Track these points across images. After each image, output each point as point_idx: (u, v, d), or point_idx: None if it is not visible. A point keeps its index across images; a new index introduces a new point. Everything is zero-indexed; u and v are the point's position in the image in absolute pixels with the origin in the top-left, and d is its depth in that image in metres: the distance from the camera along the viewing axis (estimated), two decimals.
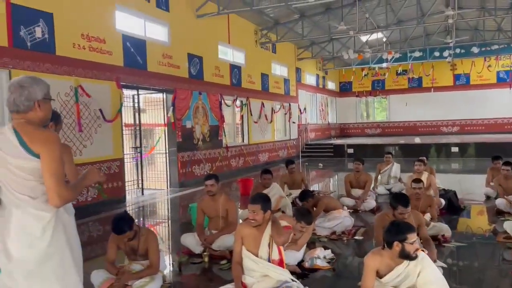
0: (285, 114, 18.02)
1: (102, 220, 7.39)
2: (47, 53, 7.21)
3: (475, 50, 18.03)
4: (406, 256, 3.10)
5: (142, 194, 9.94)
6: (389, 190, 8.90)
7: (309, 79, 21.45)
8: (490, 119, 23.46)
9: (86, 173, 2.34)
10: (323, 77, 23.62)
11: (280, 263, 3.66)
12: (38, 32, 7.07)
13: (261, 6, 11.89)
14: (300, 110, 19.52)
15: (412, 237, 3.10)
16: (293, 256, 4.45)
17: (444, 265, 4.29)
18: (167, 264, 4.63)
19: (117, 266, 3.94)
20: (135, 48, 9.31)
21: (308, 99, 21.28)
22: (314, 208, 6.05)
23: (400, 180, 9.17)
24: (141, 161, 10.05)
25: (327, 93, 24.52)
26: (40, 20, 7.10)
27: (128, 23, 9.31)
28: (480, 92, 23.36)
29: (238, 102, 13.94)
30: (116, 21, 8.82)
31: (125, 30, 9.09)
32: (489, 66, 21.58)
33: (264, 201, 3.58)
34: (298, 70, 19.55)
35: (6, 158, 2.11)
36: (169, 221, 7.96)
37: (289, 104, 18.24)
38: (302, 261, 4.54)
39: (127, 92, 9.50)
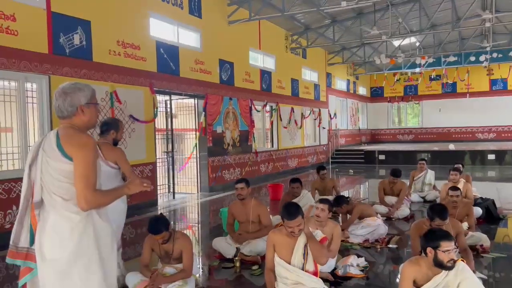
0: (315, 119, 17.90)
1: (134, 223, 7.52)
2: (84, 60, 7.44)
3: None
4: (439, 264, 3.02)
5: (174, 198, 10.07)
6: (423, 197, 8.69)
7: (340, 84, 21.25)
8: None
9: (128, 183, 2.35)
10: (354, 82, 23.36)
11: (315, 274, 3.61)
12: (77, 39, 7.31)
13: (292, 11, 11.89)
14: (330, 116, 19.36)
15: (447, 245, 3.00)
16: (326, 263, 4.38)
17: (485, 277, 4.15)
18: (199, 268, 4.66)
19: (151, 269, 3.99)
20: (168, 54, 9.47)
21: (338, 105, 21.08)
22: (348, 215, 5.97)
23: (434, 187, 8.94)
24: (173, 165, 10.19)
25: (358, 99, 24.23)
26: (78, 28, 7.33)
27: (162, 29, 9.50)
28: None
29: (268, 108, 13.95)
30: (150, 28, 9.01)
31: (159, 37, 9.27)
32: None
33: (301, 211, 3.53)
34: (328, 75, 19.42)
35: (47, 160, 2.19)
36: (200, 225, 8.02)
37: (319, 110, 18.12)
38: (335, 268, 4.48)
39: (159, 98, 9.67)
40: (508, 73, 21.05)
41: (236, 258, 4.82)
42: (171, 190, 10.15)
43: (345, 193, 10.77)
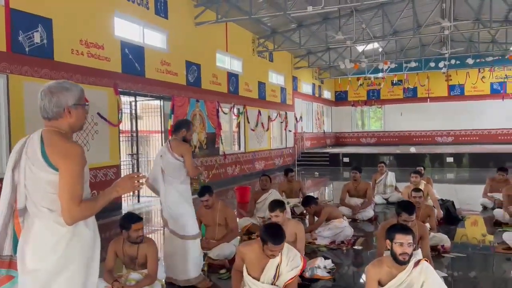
0: (282, 122, 18.03)
1: (98, 227, 7.29)
2: (45, 59, 7.17)
3: (470, 61, 18.19)
4: (394, 257, 3.08)
5: (138, 201, 9.87)
6: (386, 199, 8.90)
7: (305, 88, 21.52)
8: (484, 129, 23.63)
9: (116, 185, 2.18)
10: (319, 86, 23.72)
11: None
12: (37, 37, 7.04)
13: (259, 15, 11.94)
14: (296, 119, 19.56)
15: (400, 237, 3.06)
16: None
17: (445, 275, 4.28)
18: (165, 273, 4.56)
19: (115, 275, 3.88)
20: (133, 55, 9.29)
21: (304, 108, 21.34)
22: (315, 217, 6.03)
23: (396, 189, 9.18)
24: (138, 168, 9.99)
25: (323, 102, 24.61)
26: (39, 26, 7.07)
27: (127, 29, 9.31)
28: (474, 103, 23.56)
29: (235, 110, 13.94)
30: (115, 27, 8.81)
31: (124, 37, 9.08)
32: (483, 77, 21.80)
33: (285, 235, 3.38)
34: (294, 79, 19.62)
35: (31, 167, 2.03)
36: (165, 229, 7.85)
37: (286, 113, 18.28)
38: (303, 271, 4.50)
39: (124, 99, 9.46)
40: (465, 79, 21.97)
41: (204, 262, 4.76)
42: (136, 194, 9.94)
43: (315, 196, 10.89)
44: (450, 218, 6.98)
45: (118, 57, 8.87)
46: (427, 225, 5.46)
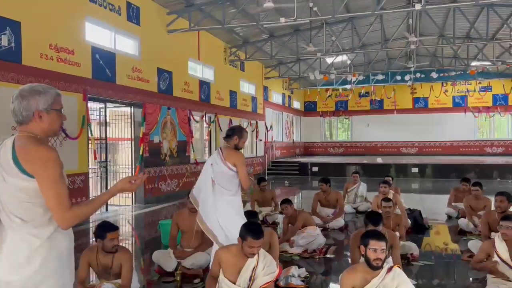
0: (253, 131, 18.11)
1: None
2: (13, 62, 6.94)
3: (434, 75, 18.88)
4: (368, 262, 3.16)
5: (106, 210, 9.64)
6: (355, 208, 9.06)
7: (276, 97, 21.73)
8: (447, 141, 24.52)
9: (112, 187, 2.13)
10: (289, 96, 24.00)
11: None
12: (4, 40, 6.81)
13: (231, 24, 12.01)
14: (266, 128, 19.69)
15: (374, 244, 3.15)
16: None
17: (415, 282, 4.40)
18: (138, 283, 4.48)
19: (87, 286, 3.78)
20: (104, 61, 9.13)
21: (274, 117, 21.52)
22: (289, 225, 6.07)
23: (366, 199, 9.36)
24: (106, 176, 9.78)
25: (293, 112, 24.90)
26: (7, 29, 6.84)
27: (98, 35, 9.15)
28: (437, 115, 24.44)
29: (207, 118, 13.90)
30: (86, 32, 8.64)
31: (95, 42, 8.92)
32: (446, 91, 22.71)
33: (262, 234, 3.47)
34: (265, 89, 19.78)
35: (3, 175, 1.94)
36: (134, 238, 7.73)
37: (256, 122, 18.37)
38: (277, 280, 4.52)
39: (94, 105, 9.27)
40: (429, 92, 22.79)
41: (177, 271, 4.70)
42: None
43: None
44: (418, 227, 7.18)
45: (89, 63, 8.70)
46: (397, 234, 5.61)
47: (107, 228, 3.71)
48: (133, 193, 10.42)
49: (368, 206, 8.79)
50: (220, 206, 4.07)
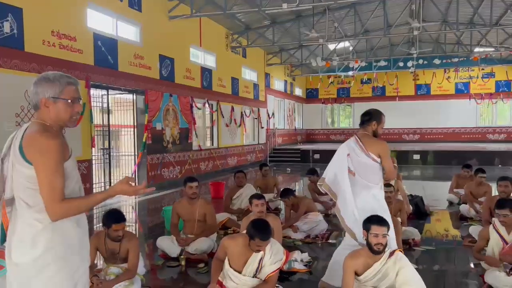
0: (255, 118, 18.11)
1: None
2: (15, 49, 6.95)
3: (437, 61, 18.76)
4: (370, 247, 3.21)
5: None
6: None
7: (278, 84, 21.67)
8: (449, 128, 24.48)
9: (111, 187, 2.08)
10: (291, 83, 23.92)
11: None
12: (7, 27, 6.81)
13: (233, 10, 11.93)
14: (268, 115, 19.68)
15: (376, 229, 3.19)
16: None
17: (416, 267, 4.45)
18: (144, 267, 4.55)
19: (94, 270, 3.84)
20: (106, 47, 9.12)
21: (276, 105, 21.48)
22: (292, 211, 6.12)
23: None
24: (110, 162, 9.83)
25: (295, 99, 24.85)
26: (9, 15, 6.83)
27: (100, 21, 9.13)
28: (439, 102, 24.37)
29: (212, 106, 13.94)
30: (87, 19, 8.62)
31: (97, 29, 8.90)
32: (449, 77, 22.59)
33: (271, 234, 3.47)
34: (267, 76, 19.72)
35: (13, 161, 1.98)
36: (138, 224, 7.81)
37: (258, 109, 18.35)
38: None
39: (96, 92, 9.28)
40: (432, 79, 22.69)
41: (182, 256, 4.77)
42: (107, 189, 9.76)
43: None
44: (419, 213, 7.24)
45: (91, 50, 8.69)
46: (398, 219, 5.66)
47: (114, 219, 3.73)
48: (136, 179, 10.50)
49: None
50: (362, 200, 3.69)
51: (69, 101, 2.04)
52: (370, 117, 3.80)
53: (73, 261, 2.03)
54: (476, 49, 18.43)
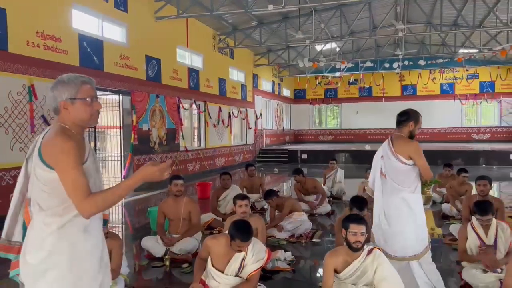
0: (243, 119, 18.15)
1: None
2: None
3: (422, 62, 19.03)
4: (348, 245, 3.27)
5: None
6: (330, 192, 9.21)
7: (265, 85, 21.75)
8: (434, 128, 24.79)
9: (137, 171, 1.99)
10: (279, 84, 24.02)
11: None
12: None
13: (220, 11, 11.97)
14: (256, 116, 19.74)
15: (354, 227, 3.24)
16: None
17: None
18: (128, 268, 4.57)
19: None
20: (91, 48, 9.09)
21: (264, 105, 21.56)
22: (276, 211, 6.18)
23: (343, 183, 9.55)
24: None
25: (282, 100, 24.95)
26: None
27: (85, 22, 9.10)
28: (425, 102, 24.63)
29: (200, 106, 13.96)
30: (72, 20, 8.58)
31: (82, 30, 8.87)
32: (434, 78, 22.91)
33: (251, 235, 3.50)
34: (254, 76, 19.78)
35: (33, 161, 2.01)
36: (125, 225, 7.81)
37: (246, 110, 18.40)
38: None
39: None
40: (417, 80, 22.97)
41: (166, 257, 4.80)
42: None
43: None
44: None
45: (76, 50, 8.66)
46: None
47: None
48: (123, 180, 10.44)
49: (341, 187, 9.05)
50: (391, 202, 3.56)
51: (87, 99, 2.04)
52: (408, 117, 3.63)
53: (78, 269, 2.00)
54: (460, 51, 18.71)
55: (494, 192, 10.74)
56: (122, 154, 10.56)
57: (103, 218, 2.23)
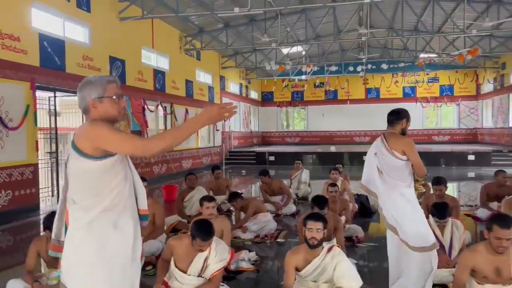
0: None
1: (13, 229, 6.91)
2: None
3: (385, 66, 19.58)
4: (306, 241, 3.36)
5: (57, 201, 9.40)
6: (296, 194, 9.34)
7: (233, 87, 21.78)
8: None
9: (200, 113, 2.01)
10: (246, 86, 24.11)
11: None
12: None
13: (186, 13, 11.93)
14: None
15: (311, 224, 3.35)
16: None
17: (355, 261, 4.68)
18: None
19: (35, 275, 3.76)
20: (52, 48, 8.87)
21: None
22: (242, 213, 6.22)
23: (309, 185, 9.67)
24: (57, 167, 9.54)
25: (250, 102, 25.05)
26: None
27: (46, 21, 8.87)
28: (388, 105, 24.99)
29: (166, 108, 13.81)
30: (32, 19, 8.35)
31: (42, 29, 8.65)
32: (396, 82, 23.59)
33: (213, 233, 3.54)
34: (222, 78, 19.78)
35: (69, 158, 2.08)
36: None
37: None
38: (228, 264, 4.66)
39: (43, 94, 9.00)
40: (381, 83, 23.59)
41: None
42: (55, 194, 9.49)
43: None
44: (364, 211, 7.55)
45: (36, 50, 8.43)
46: (343, 217, 5.90)
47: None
48: None
49: (307, 190, 9.19)
50: (392, 199, 3.64)
51: (114, 97, 2.12)
52: (401, 115, 3.78)
53: (108, 264, 2.05)
54: (421, 55, 19.37)
55: (453, 191, 11.20)
56: None
57: (143, 214, 2.27)
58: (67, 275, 2.07)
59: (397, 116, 3.77)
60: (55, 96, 9.36)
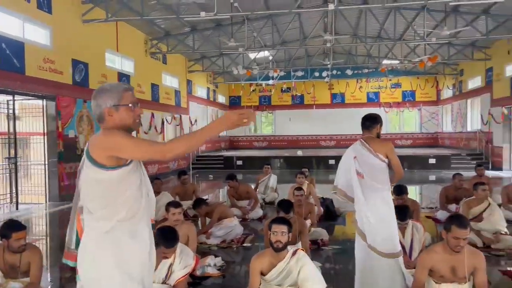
0: (177, 125, 17.93)
1: None
2: None
3: (349, 72, 20.01)
4: (271, 245, 3.40)
5: (17, 208, 9.08)
6: (263, 199, 9.36)
7: (200, 91, 21.67)
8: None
9: (217, 119, 2.03)
10: (214, 91, 24.04)
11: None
12: None
13: (151, 16, 11.79)
14: (191, 122, 19.59)
15: (275, 227, 3.40)
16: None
17: (320, 265, 4.75)
18: (50, 281, 4.36)
19: None
20: (11, 50, 8.57)
21: (199, 112, 21.45)
22: (207, 218, 6.19)
23: (276, 190, 9.73)
24: (16, 172, 9.20)
25: (218, 106, 24.98)
26: None
27: (4, 22, 8.56)
28: (353, 110, 25.78)
29: None
30: None
31: (0, 30, 8.33)
32: (361, 87, 24.15)
33: (177, 240, 3.53)
34: (189, 82, 19.65)
35: (84, 168, 2.05)
36: (49, 237, 7.40)
37: (180, 116, 18.20)
38: (194, 270, 4.62)
39: (1, 98, 8.68)
40: (345, 89, 24.08)
41: None
42: (14, 200, 9.14)
43: (205, 197, 11.04)
44: (330, 214, 7.66)
45: None
46: (308, 221, 5.97)
47: (12, 228, 3.56)
48: (47, 190, 9.94)
49: (274, 196, 9.23)
50: (373, 203, 3.70)
51: (130, 105, 2.09)
52: (376, 120, 3.94)
53: (124, 275, 2.02)
54: (384, 61, 19.92)
55: (415, 194, 11.56)
56: (46, 162, 10.00)
57: (151, 223, 2.27)
58: (85, 283, 2.08)
59: (374, 121, 3.93)
60: (14, 100, 9.04)
